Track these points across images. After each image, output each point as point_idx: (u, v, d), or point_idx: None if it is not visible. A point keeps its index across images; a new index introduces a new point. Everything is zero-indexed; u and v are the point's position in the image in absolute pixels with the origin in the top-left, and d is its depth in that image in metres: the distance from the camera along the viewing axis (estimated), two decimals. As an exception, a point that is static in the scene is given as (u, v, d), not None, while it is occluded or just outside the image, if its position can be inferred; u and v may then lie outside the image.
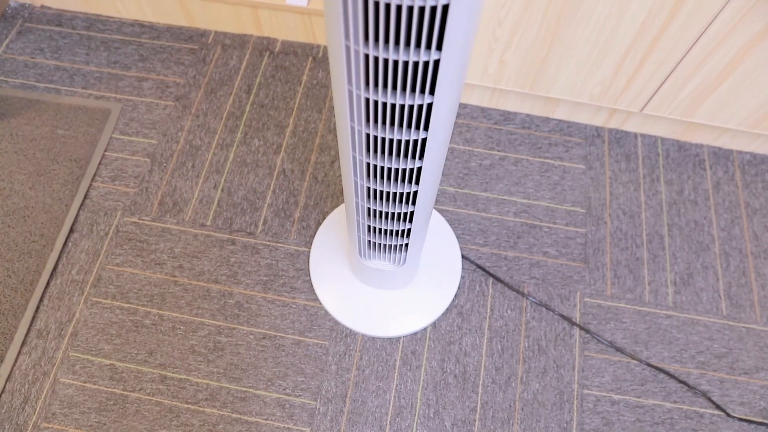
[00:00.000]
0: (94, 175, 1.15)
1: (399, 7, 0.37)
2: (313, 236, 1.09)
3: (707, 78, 1.00)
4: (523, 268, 1.07)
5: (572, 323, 1.02)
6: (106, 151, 1.18)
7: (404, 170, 0.62)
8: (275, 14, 1.27)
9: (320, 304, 1.02)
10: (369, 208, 0.71)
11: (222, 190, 1.13)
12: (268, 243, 1.08)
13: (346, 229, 1.08)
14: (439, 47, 0.41)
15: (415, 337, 1.00)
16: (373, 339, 1.00)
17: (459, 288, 1.05)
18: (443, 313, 1.03)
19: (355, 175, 0.64)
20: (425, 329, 1.01)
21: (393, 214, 0.73)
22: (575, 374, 0.97)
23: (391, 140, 0.56)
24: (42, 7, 1.37)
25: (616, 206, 1.14)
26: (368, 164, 0.61)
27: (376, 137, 0.56)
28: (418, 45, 0.40)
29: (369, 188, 0.67)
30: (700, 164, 1.19)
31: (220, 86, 1.26)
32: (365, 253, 0.87)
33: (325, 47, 1.33)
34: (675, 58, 0.98)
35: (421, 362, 0.98)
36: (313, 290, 1.03)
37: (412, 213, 0.72)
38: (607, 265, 1.08)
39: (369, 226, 0.77)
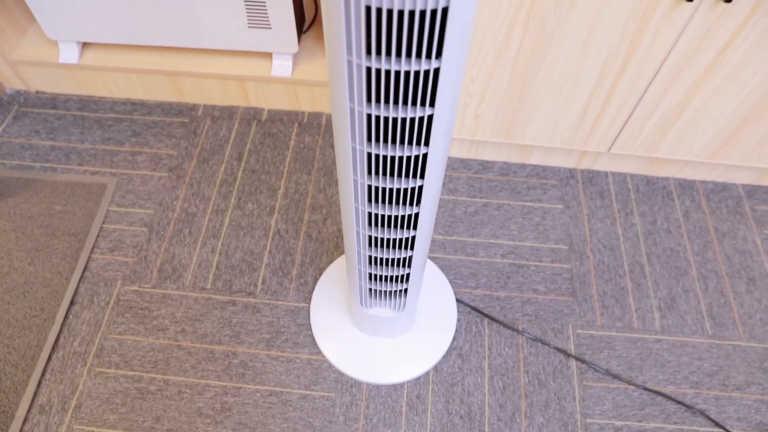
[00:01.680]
0: (93, 247, 1.17)
1: (400, 14, 0.41)
2: (311, 292, 1.12)
3: (664, 116, 1.10)
4: (515, 307, 1.12)
5: (568, 355, 1.05)
6: (103, 223, 1.21)
7: (403, 216, 0.68)
8: (261, 85, 1.35)
9: (323, 356, 1.04)
10: (370, 256, 0.76)
11: (220, 254, 1.17)
12: (268, 301, 1.11)
13: (343, 282, 1.12)
14: (438, 55, 0.45)
15: (419, 382, 1.02)
16: (378, 387, 1.02)
17: (456, 330, 1.08)
18: (443, 356, 1.05)
19: (357, 224, 0.70)
20: (427, 373, 1.03)
21: (392, 260, 0.77)
22: (576, 404, 1.00)
23: (392, 189, 0.62)
24: (37, 92, 1.43)
25: (596, 241, 1.21)
26: (369, 213, 0.67)
27: (377, 187, 0.62)
28: (418, 55, 0.45)
29: (370, 236, 0.72)
30: (668, 195, 1.28)
31: (211, 155, 1.32)
32: (366, 302, 0.91)
33: (310, 113, 1.41)
34: (633, 101, 1.07)
35: (427, 406, 1.00)
36: (316, 344, 1.06)
37: (410, 257, 0.77)
38: (595, 297, 1.13)
39: (370, 274, 0.81)
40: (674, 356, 1.05)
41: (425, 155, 0.57)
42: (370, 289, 0.86)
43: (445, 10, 0.41)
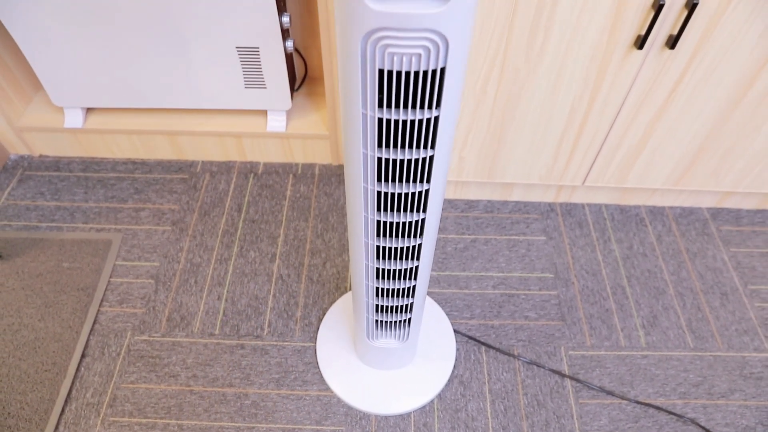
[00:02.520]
0: (102, 300, 1.21)
1: (407, 74, 0.50)
2: (316, 331, 1.17)
3: (629, 150, 1.22)
4: (509, 333, 1.18)
5: (563, 375, 1.12)
6: (111, 277, 1.25)
7: (408, 248, 0.75)
8: (257, 141, 1.44)
9: (332, 392, 1.09)
10: (377, 288, 0.83)
11: (226, 301, 1.22)
12: (275, 343, 1.16)
13: (346, 320, 1.17)
14: (438, 105, 0.54)
15: (425, 411, 1.07)
16: (386, 417, 1.06)
17: (456, 359, 1.14)
18: (446, 384, 1.11)
19: (366, 258, 0.77)
20: (432, 401, 1.08)
21: (397, 290, 0.84)
22: (575, 422, 1.06)
23: (398, 223, 0.70)
24: (40, 156, 1.50)
25: (579, 267, 1.29)
26: (378, 246, 0.74)
27: (385, 222, 0.70)
28: (422, 106, 0.54)
29: (378, 268, 0.79)
30: (641, 222, 1.38)
31: (212, 208, 1.39)
32: (372, 334, 0.97)
33: (303, 164, 1.50)
34: (600, 138, 1.19)
35: (435, 433, 1.04)
36: (324, 380, 1.10)
37: (413, 287, 0.84)
38: (582, 320, 1.20)
39: (377, 306, 0.88)
40: (661, 369, 1.12)
41: (427, 191, 0.65)
42: (377, 321, 0.93)
43: (443, 70, 0.50)
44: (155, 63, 1.27)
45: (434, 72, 0.51)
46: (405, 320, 0.93)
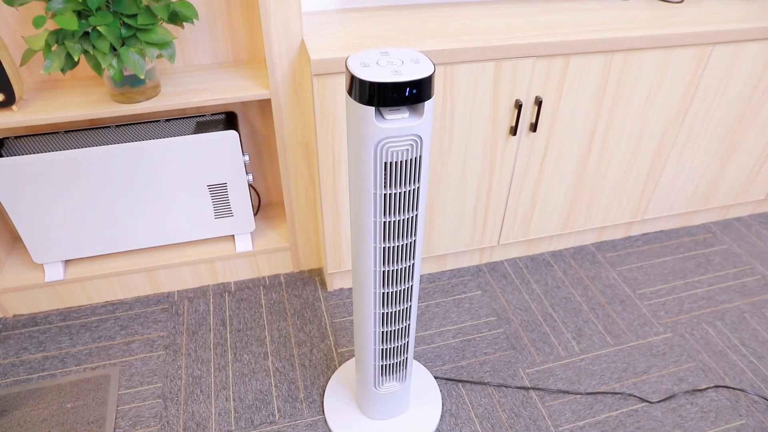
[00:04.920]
0: (114, 428, 1.30)
1: (399, 163, 0.82)
2: (321, 405, 1.35)
3: (525, 208, 1.62)
4: (476, 368, 1.44)
5: (527, 389, 1.38)
6: (118, 405, 1.35)
7: (403, 289, 1.02)
8: (228, 262, 1.66)
9: (349, 451, 1.25)
10: (383, 332, 1.08)
11: (234, 400, 1.36)
12: (288, 423, 1.31)
13: (345, 389, 1.36)
14: (418, 180, 0.85)
15: (430, 445, 1.27)
16: (401, 459, 1.24)
17: (442, 398, 1.37)
18: (440, 419, 1.32)
19: (374, 306, 1.03)
20: (434, 436, 1.29)
21: (396, 330, 1.09)
22: (548, 421, 1.31)
23: (397, 269, 0.98)
24: (14, 316, 1.58)
25: (514, 307, 1.62)
26: (383, 293, 1.01)
27: (386, 271, 0.97)
28: (410, 182, 0.85)
29: (383, 312, 1.04)
30: (548, 264, 1.76)
31: (198, 327, 1.55)
32: (378, 381, 1.19)
33: (269, 276, 1.73)
34: (503, 202, 1.58)
35: (443, 460, 1.24)
36: (339, 443, 1.26)
37: (408, 326, 1.10)
38: (528, 345, 1.50)
39: (383, 350, 1.11)
40: (596, 365, 1.43)
41: (415, 241, 0.95)
42: (382, 366, 1.15)
43: (420, 157, 0.83)
44: (135, 210, 1.49)
45: (414, 160, 0.83)
46: (403, 360, 1.17)
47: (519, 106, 1.36)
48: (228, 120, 1.49)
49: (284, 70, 1.32)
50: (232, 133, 1.42)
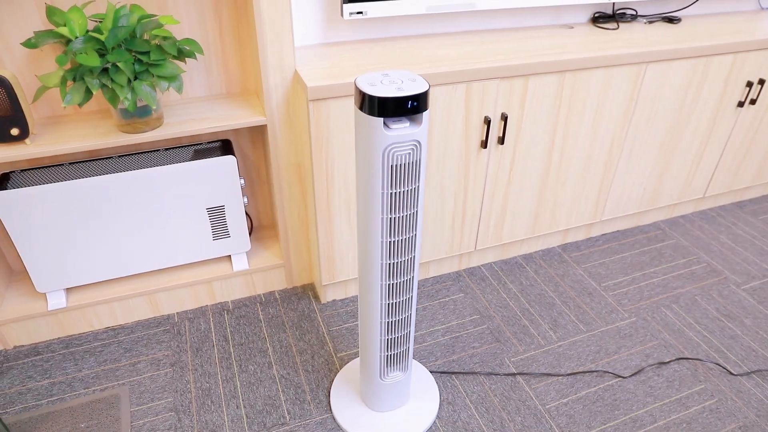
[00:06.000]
0: (132, 443, 1.35)
1: (403, 165, 0.97)
2: (329, 403, 1.44)
3: (497, 214, 1.79)
4: (466, 361, 1.57)
5: (514, 375, 1.52)
6: (132, 422, 1.40)
7: (405, 280, 1.16)
8: (225, 282, 1.75)
9: (359, 442, 1.35)
10: (388, 321, 1.20)
11: (245, 407, 1.44)
12: (299, 423, 1.39)
13: (350, 388, 1.47)
14: (418, 180, 1.00)
15: (431, 430, 1.38)
16: (408, 445, 1.34)
17: (439, 390, 1.49)
18: (439, 408, 1.44)
19: (381, 297, 1.15)
20: (434, 422, 1.40)
21: (399, 320, 1.22)
22: (536, 401, 1.45)
23: (400, 261, 1.11)
24: (15, 347, 1.61)
25: (494, 306, 1.77)
26: (389, 284, 1.14)
27: (391, 263, 1.11)
28: (411, 182, 1.00)
29: (389, 303, 1.17)
30: (521, 266, 1.93)
31: (202, 344, 1.63)
32: (383, 372, 1.30)
33: (265, 293, 1.82)
34: (477, 210, 1.75)
35: (446, 443, 1.35)
36: (349, 437, 1.36)
37: (410, 316, 1.23)
38: (510, 337, 1.65)
39: (388, 340, 1.23)
40: (573, 350, 1.59)
41: (415, 235, 1.09)
42: (387, 357, 1.27)
43: (419, 160, 0.98)
44: (138, 236, 1.57)
45: (415, 162, 0.98)
46: (405, 350, 1.29)
47: (488, 122, 1.54)
48: (224, 147, 1.61)
49: (279, 98, 1.46)
50: (230, 158, 1.54)
